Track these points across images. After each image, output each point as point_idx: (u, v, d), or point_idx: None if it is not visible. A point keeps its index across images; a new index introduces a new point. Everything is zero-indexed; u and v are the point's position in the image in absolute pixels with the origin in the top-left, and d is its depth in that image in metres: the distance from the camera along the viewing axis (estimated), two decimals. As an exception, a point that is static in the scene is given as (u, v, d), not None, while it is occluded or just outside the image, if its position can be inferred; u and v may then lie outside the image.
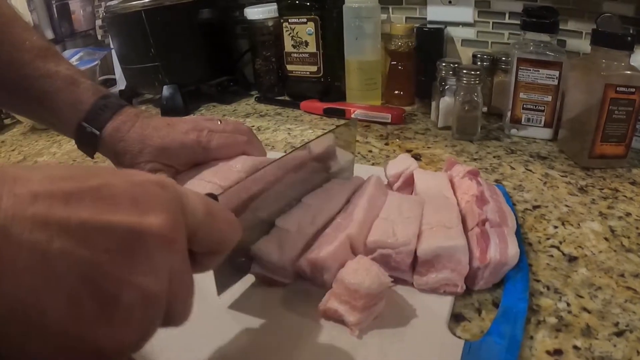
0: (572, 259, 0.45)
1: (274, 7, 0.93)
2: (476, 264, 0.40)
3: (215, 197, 0.30)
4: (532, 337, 0.36)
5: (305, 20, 0.88)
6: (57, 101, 0.48)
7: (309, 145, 0.47)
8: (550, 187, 0.59)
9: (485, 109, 0.78)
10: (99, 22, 1.31)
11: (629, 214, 0.52)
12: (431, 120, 0.82)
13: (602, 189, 0.57)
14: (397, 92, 0.90)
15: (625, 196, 0.56)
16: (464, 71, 0.69)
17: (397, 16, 0.94)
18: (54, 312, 0.18)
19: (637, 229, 0.49)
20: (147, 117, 0.52)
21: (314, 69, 0.92)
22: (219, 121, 0.54)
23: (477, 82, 0.69)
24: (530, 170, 0.63)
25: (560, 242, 0.48)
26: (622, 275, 0.43)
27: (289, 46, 0.92)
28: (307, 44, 0.90)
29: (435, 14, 0.89)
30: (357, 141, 0.61)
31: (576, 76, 0.65)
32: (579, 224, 0.51)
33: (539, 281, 0.42)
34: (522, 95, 0.71)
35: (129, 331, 0.20)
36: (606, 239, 0.48)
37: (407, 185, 0.53)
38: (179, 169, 0.52)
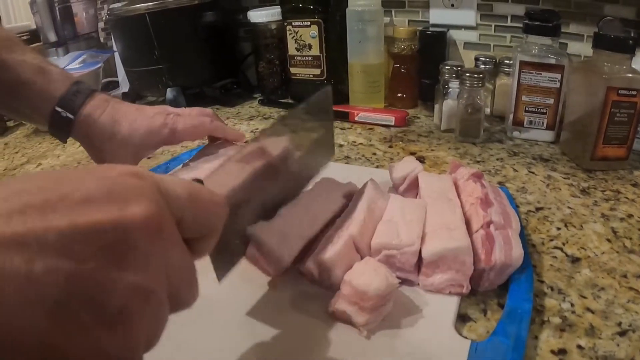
0: (575, 260, 0.46)
1: (277, 10, 0.93)
2: (481, 266, 0.40)
3: (200, 182, 0.29)
4: (536, 337, 0.37)
5: (308, 23, 0.88)
6: (28, 90, 0.50)
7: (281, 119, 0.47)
8: (552, 189, 0.59)
9: (487, 112, 0.79)
10: (101, 24, 1.32)
11: (630, 216, 0.53)
12: (434, 122, 0.82)
13: (604, 191, 0.58)
14: (400, 94, 0.91)
15: (627, 198, 0.56)
16: (467, 74, 0.70)
17: (400, 19, 0.95)
18: (47, 332, 0.17)
19: (639, 230, 0.50)
20: (117, 103, 0.55)
21: (318, 71, 0.92)
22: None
23: (479, 85, 0.70)
24: (532, 172, 0.64)
25: (563, 244, 0.48)
26: (625, 276, 0.43)
27: (292, 49, 0.93)
28: (310, 46, 0.90)
29: (437, 17, 0.90)
30: (333, 110, 0.61)
31: (578, 79, 0.66)
32: (581, 226, 0.51)
33: (543, 282, 0.43)
34: (524, 97, 0.72)
35: (134, 332, 0.19)
36: (608, 240, 0.48)
37: (412, 187, 0.54)
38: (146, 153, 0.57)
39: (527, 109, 0.72)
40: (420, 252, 0.41)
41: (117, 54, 1.08)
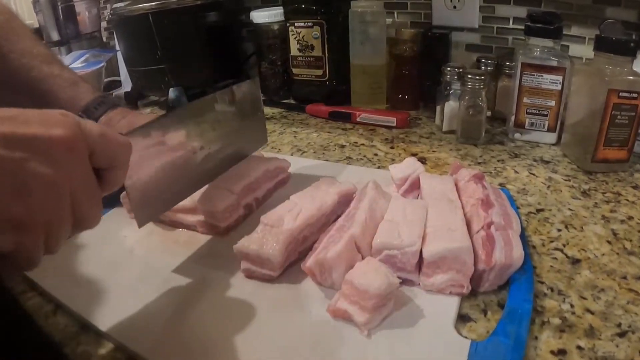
0: (576, 262, 0.46)
1: (279, 10, 0.94)
2: (482, 267, 0.41)
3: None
4: (536, 338, 0.37)
5: (311, 24, 0.88)
6: (59, 98, 0.56)
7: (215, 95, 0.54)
8: (553, 190, 0.59)
9: (489, 113, 0.79)
10: (104, 24, 1.32)
11: (631, 218, 0.53)
12: (436, 124, 0.83)
13: (605, 193, 0.58)
14: (401, 96, 0.91)
15: (627, 200, 0.57)
16: (469, 76, 0.70)
17: (402, 21, 0.95)
18: None
19: (639, 232, 0.50)
20: (137, 115, 0.60)
21: (320, 72, 0.93)
22: None
23: (481, 86, 0.70)
24: (533, 174, 0.64)
25: (563, 245, 0.49)
26: (625, 277, 0.43)
27: (294, 50, 0.93)
28: (313, 47, 0.91)
29: (440, 18, 0.90)
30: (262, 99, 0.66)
31: (579, 81, 0.66)
32: (582, 227, 0.51)
33: (543, 283, 0.43)
34: (525, 99, 0.72)
35: (37, 206, 0.28)
36: (609, 242, 0.49)
37: (413, 188, 0.54)
38: None
39: (528, 110, 0.72)
40: (421, 252, 0.41)
41: (119, 54, 1.08)
